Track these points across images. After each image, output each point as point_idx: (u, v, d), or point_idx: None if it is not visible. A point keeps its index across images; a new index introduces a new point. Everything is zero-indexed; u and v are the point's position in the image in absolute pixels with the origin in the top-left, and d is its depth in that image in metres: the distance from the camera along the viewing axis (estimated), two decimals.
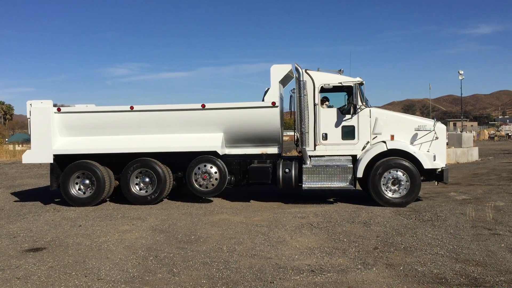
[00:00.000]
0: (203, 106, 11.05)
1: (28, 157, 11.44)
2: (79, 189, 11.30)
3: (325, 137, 10.80)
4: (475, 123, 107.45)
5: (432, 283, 5.43)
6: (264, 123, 10.91)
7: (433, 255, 6.54)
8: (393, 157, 10.41)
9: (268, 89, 11.03)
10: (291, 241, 7.49)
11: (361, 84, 10.84)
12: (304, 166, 10.69)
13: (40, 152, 11.26)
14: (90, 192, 11.22)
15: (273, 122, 10.92)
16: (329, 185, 10.63)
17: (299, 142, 10.95)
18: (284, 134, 12.47)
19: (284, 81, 11.79)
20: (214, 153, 11.00)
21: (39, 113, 11.28)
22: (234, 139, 11.25)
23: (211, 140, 11.06)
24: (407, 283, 5.47)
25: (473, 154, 23.61)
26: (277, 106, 10.83)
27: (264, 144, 11.24)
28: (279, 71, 11.02)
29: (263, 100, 10.97)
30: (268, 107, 10.84)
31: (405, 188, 10.30)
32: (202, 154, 11.06)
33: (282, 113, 11.50)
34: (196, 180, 11.06)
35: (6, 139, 59.91)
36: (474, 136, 34.64)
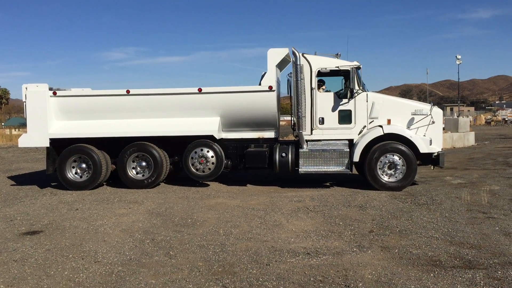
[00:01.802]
0: (200, 90, 11.01)
1: (24, 141, 11.40)
2: (76, 173, 11.30)
3: (321, 121, 10.79)
4: (472, 108, 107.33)
5: (427, 266, 5.49)
6: (261, 107, 10.88)
7: (428, 238, 6.59)
8: (389, 141, 10.43)
9: (265, 73, 10.96)
10: (287, 225, 7.53)
11: (358, 68, 10.79)
12: (300, 150, 10.71)
13: (36, 136, 11.22)
14: (87, 176, 11.22)
15: (270, 106, 10.89)
16: (326, 169, 10.67)
17: (296, 127, 10.92)
18: (281, 118, 12.44)
19: (281, 65, 11.72)
20: (211, 137, 10.99)
21: (35, 96, 11.20)
22: (230, 123, 11.23)
23: (207, 124, 11.04)
24: (402, 265, 5.53)
25: (469, 139, 23.66)
26: (274, 90, 10.78)
27: (261, 128, 11.23)
28: (276, 55, 10.94)
29: (260, 84, 10.91)
30: (265, 91, 10.79)
31: (401, 172, 10.35)
32: (199, 138, 11.04)
33: (279, 97, 11.46)
34: (192, 164, 11.07)
35: (3, 123, 59.70)
36: (470, 121, 34.74)
